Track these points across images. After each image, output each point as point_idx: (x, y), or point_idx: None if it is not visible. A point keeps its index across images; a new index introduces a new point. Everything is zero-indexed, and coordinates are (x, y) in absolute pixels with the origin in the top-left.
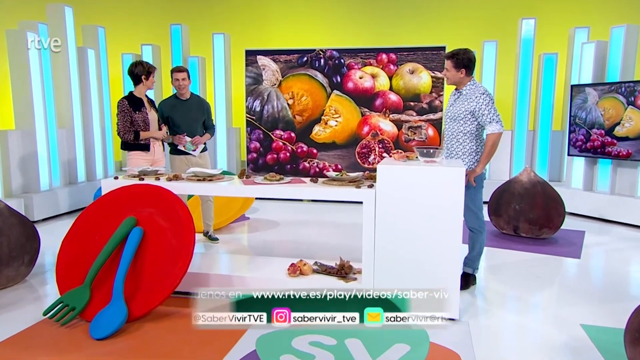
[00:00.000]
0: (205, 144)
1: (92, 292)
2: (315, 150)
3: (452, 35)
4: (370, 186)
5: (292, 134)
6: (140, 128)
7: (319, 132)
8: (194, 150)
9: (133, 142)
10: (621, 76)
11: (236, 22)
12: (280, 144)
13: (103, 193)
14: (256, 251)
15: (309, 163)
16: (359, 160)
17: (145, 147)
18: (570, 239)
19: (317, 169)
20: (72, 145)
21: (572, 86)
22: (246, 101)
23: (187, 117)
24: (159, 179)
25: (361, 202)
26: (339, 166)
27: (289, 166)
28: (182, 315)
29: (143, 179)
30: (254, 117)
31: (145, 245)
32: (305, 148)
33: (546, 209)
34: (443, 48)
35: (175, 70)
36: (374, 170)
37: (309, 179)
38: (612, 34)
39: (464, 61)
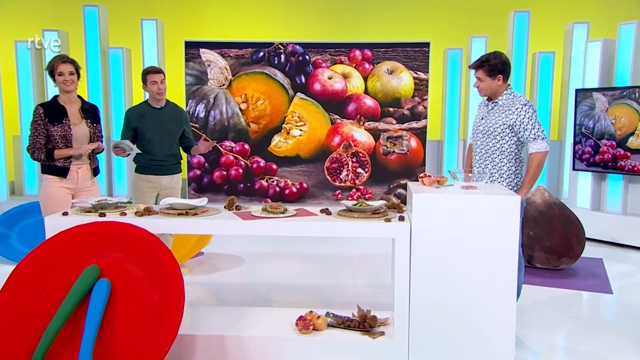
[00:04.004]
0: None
1: None
2: (274, 166)
3: (436, 30)
4: (401, 218)
5: (246, 146)
6: (58, 145)
7: (280, 144)
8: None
9: (46, 162)
10: (632, 80)
11: (172, 6)
12: (231, 158)
13: (48, 235)
14: (232, 299)
15: (267, 181)
16: (328, 177)
17: (61, 172)
18: (591, 269)
19: (278, 189)
20: None
21: (576, 90)
22: (186, 105)
23: (160, 130)
24: (125, 214)
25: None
26: (305, 185)
27: (241, 185)
28: None
29: (104, 215)
30: (197, 125)
31: (114, 302)
32: (262, 163)
33: (565, 235)
34: (427, 44)
35: (151, 71)
36: (349, 189)
37: (319, 209)
38: (620, 32)
39: (499, 66)
